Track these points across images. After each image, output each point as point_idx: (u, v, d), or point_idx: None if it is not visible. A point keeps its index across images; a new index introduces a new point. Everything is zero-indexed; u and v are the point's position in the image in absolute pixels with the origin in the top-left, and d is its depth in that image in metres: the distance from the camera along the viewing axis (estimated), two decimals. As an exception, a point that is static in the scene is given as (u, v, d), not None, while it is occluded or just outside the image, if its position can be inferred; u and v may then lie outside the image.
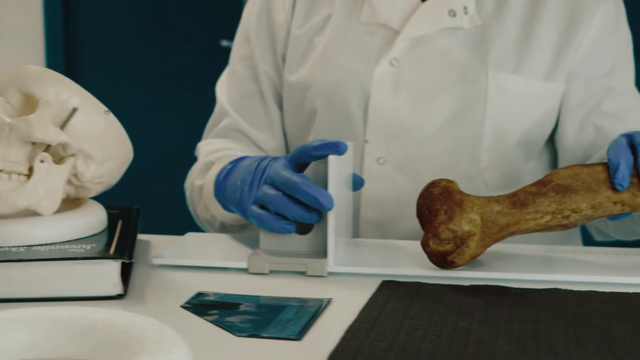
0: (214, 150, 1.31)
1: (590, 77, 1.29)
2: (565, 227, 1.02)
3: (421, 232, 1.22)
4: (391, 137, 1.27)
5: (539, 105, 1.27)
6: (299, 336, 0.80)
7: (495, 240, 1.00)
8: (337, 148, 1.00)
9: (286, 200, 1.00)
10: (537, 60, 1.27)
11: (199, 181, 1.26)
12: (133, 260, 0.94)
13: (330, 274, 1.01)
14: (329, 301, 0.91)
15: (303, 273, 1.01)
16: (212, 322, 0.84)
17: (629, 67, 1.34)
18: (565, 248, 1.12)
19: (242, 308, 0.89)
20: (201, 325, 0.84)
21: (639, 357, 0.74)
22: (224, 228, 1.25)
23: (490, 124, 1.26)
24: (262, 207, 1.03)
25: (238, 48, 1.39)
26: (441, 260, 0.99)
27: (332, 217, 1.00)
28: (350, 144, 1.05)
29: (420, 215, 1.01)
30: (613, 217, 1.03)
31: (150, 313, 0.86)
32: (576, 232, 1.42)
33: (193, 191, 1.28)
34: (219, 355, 0.77)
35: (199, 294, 0.93)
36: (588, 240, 1.42)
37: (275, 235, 1.03)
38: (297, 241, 1.03)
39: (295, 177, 1.00)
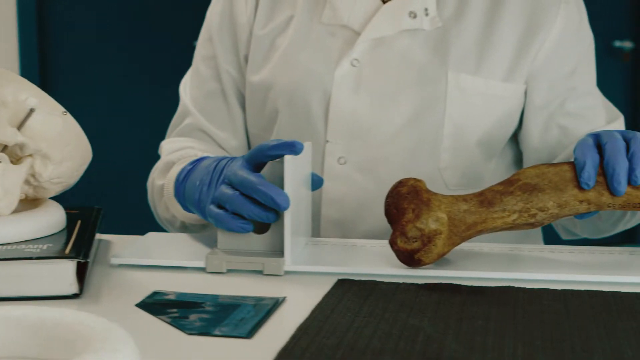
0: (176, 149, 1.31)
1: (554, 78, 1.30)
2: (532, 225, 1.03)
3: (382, 232, 1.24)
4: (352, 137, 1.28)
5: (499, 105, 1.28)
6: (249, 334, 0.80)
7: (463, 239, 1.01)
8: (293, 148, 1.01)
9: (243, 199, 1.01)
10: (497, 61, 1.28)
11: (160, 181, 1.26)
12: (88, 260, 0.94)
13: (288, 272, 1.02)
14: (282, 300, 0.91)
15: (260, 272, 1.02)
16: (165, 320, 0.85)
17: (591, 67, 1.35)
18: (531, 247, 1.13)
19: (196, 307, 0.89)
20: (154, 324, 0.85)
21: (582, 352, 0.75)
22: (184, 228, 1.25)
23: (450, 124, 1.27)
24: (220, 206, 1.04)
25: (201, 48, 1.40)
26: (409, 258, 1.00)
27: (288, 216, 1.00)
28: (307, 144, 1.06)
29: (388, 214, 1.02)
30: (580, 216, 1.04)
31: (104, 312, 0.87)
32: (538, 231, 1.43)
33: (154, 191, 1.29)
34: (169, 353, 0.78)
35: (155, 293, 0.94)
36: (550, 239, 1.44)
37: (233, 234, 1.04)
38: (255, 240, 1.04)
39: (251, 177, 1.00)
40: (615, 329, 0.82)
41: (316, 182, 1.12)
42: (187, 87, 1.40)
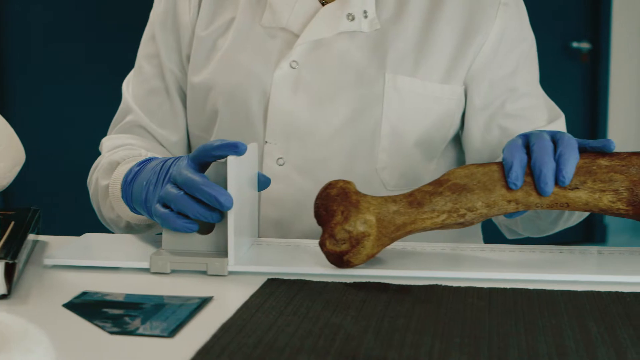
0: (117, 146, 1.32)
1: (493, 80, 1.32)
2: (462, 225, 1.04)
3: (320, 232, 1.24)
4: (290, 138, 1.28)
5: (437, 106, 1.30)
6: (171, 334, 0.81)
7: (392, 240, 1.02)
8: (236, 149, 1.01)
9: (188, 199, 1.01)
10: (435, 63, 1.29)
11: (104, 181, 1.26)
12: (16, 261, 0.94)
13: (231, 272, 1.02)
14: (209, 299, 0.92)
15: (204, 272, 1.02)
16: (90, 321, 0.85)
17: (532, 68, 1.37)
18: (467, 245, 1.15)
19: (122, 307, 0.89)
20: (79, 325, 0.85)
21: (498, 349, 0.77)
22: (129, 228, 1.25)
23: (387, 125, 1.28)
24: (166, 206, 1.04)
25: (144, 46, 1.40)
26: (338, 260, 1.00)
27: (232, 216, 1.01)
28: (253, 145, 1.07)
29: (317, 216, 1.02)
30: (509, 215, 1.05)
31: (31, 312, 0.87)
32: (478, 230, 1.44)
33: (98, 191, 1.28)
34: (90, 353, 0.78)
35: (83, 293, 0.94)
36: (491, 238, 1.45)
37: (178, 235, 1.04)
38: (199, 241, 1.04)
39: (195, 177, 1.01)
40: (535, 325, 0.83)
41: (263, 183, 1.13)
42: (129, 84, 1.41)
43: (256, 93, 1.29)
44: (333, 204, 1.00)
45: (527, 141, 1.05)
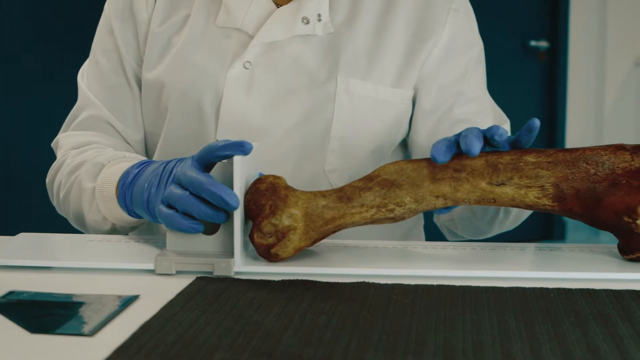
0: (80, 144, 1.31)
1: (442, 85, 1.33)
2: (393, 220, 1.05)
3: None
4: (241, 138, 1.28)
5: (388, 110, 1.31)
6: (92, 332, 0.81)
7: (322, 233, 1.04)
8: (243, 148, 1.01)
9: (193, 199, 1.01)
10: (387, 67, 1.30)
11: (89, 184, 1.22)
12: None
13: (238, 273, 1.02)
14: (135, 298, 0.92)
15: (210, 273, 1.01)
16: (12, 320, 0.85)
17: (480, 73, 1.38)
18: (407, 243, 1.16)
19: (47, 306, 0.89)
20: (2, 324, 0.84)
21: (415, 345, 0.77)
22: (113, 230, 1.24)
23: (338, 128, 1.29)
24: (170, 206, 1.03)
25: (100, 40, 1.38)
26: (266, 253, 1.02)
27: (238, 216, 1.01)
28: (256, 145, 1.07)
29: (247, 210, 1.03)
30: (438, 211, 1.06)
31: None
32: (421, 233, 1.45)
33: (81, 193, 1.24)
34: (8, 352, 0.78)
35: (10, 292, 0.94)
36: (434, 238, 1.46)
37: (183, 235, 1.03)
38: (204, 241, 1.03)
39: (201, 177, 1.00)
40: (455, 321, 0.84)
41: None
42: (86, 80, 1.39)
43: (209, 92, 1.29)
44: (262, 198, 1.02)
45: (485, 134, 1.05)
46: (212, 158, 1.02)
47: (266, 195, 1.02)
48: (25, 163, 3.45)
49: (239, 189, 1.00)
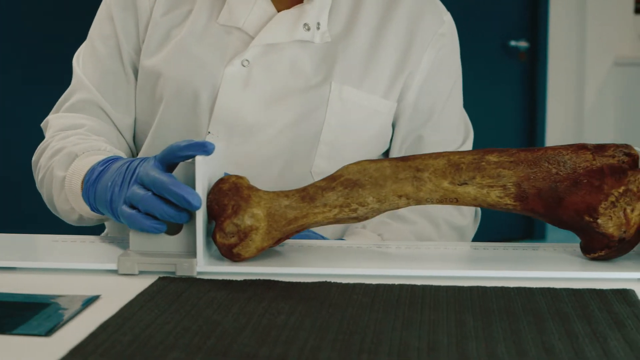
0: (67, 127, 1.31)
1: (418, 106, 1.37)
2: (356, 219, 1.06)
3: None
4: (233, 134, 1.30)
5: (376, 120, 1.34)
6: (49, 333, 0.81)
7: (285, 233, 1.04)
8: (205, 148, 1.01)
9: (155, 199, 1.01)
10: (379, 78, 1.34)
11: (61, 172, 1.23)
12: None
13: (200, 273, 1.02)
14: (96, 298, 0.92)
15: (173, 273, 1.01)
16: (-30, 320, 0.85)
17: (457, 98, 1.42)
18: (372, 242, 1.17)
19: (9, 307, 0.89)
20: (-41, 324, 0.84)
21: (371, 344, 0.78)
22: (81, 220, 1.25)
23: (328, 132, 1.31)
24: (133, 206, 1.03)
25: (99, 26, 1.39)
26: (228, 252, 1.02)
27: (200, 216, 1.01)
28: (221, 144, 1.07)
29: (210, 210, 1.03)
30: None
31: None
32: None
33: (53, 180, 1.25)
34: (-37, 353, 0.78)
35: (-29, 293, 0.94)
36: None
37: (146, 235, 1.03)
38: (167, 241, 1.03)
39: (163, 177, 1.01)
40: (413, 321, 0.85)
41: None
42: (81, 63, 1.40)
43: (205, 86, 1.31)
44: (224, 198, 1.02)
45: None
46: (174, 158, 1.02)
47: (229, 195, 1.02)
48: (11, 163, 3.44)
49: (201, 189, 1.00)
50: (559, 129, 4.71)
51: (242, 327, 0.82)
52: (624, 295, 0.94)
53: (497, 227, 4.42)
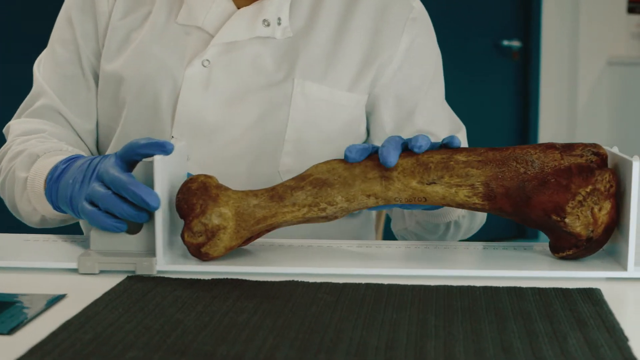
0: (27, 132, 1.31)
1: (400, 94, 1.35)
2: (326, 218, 1.06)
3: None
4: (197, 135, 1.29)
5: (342, 114, 1.33)
6: (11, 331, 0.81)
7: (253, 233, 1.05)
8: (163, 148, 1.02)
9: (115, 198, 1.01)
10: (343, 72, 1.32)
11: (22, 173, 1.23)
12: None
13: (160, 272, 1.02)
14: (62, 297, 0.92)
15: (133, 272, 1.02)
16: None
17: (438, 83, 1.40)
18: (342, 242, 1.17)
19: (-26, 305, 0.90)
20: None
21: (330, 343, 0.78)
22: (44, 222, 1.25)
23: (292, 130, 1.30)
24: (93, 204, 1.04)
25: (59, 30, 1.39)
26: (196, 251, 1.03)
27: (159, 216, 1.01)
28: (182, 144, 1.07)
29: (179, 209, 1.04)
30: (376, 208, 1.08)
31: None
32: (370, 228, 1.46)
33: (15, 182, 1.25)
34: None
35: (-62, 293, 0.94)
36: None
37: (106, 234, 1.04)
38: (128, 240, 1.04)
39: (122, 176, 1.01)
40: (375, 320, 0.85)
41: None
42: (41, 68, 1.40)
43: (166, 88, 1.30)
44: (193, 197, 1.02)
45: (406, 143, 1.07)
46: (133, 156, 1.03)
47: (197, 194, 1.02)
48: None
49: (160, 188, 1.01)
50: (552, 128, 4.71)
51: (203, 325, 0.82)
52: (590, 294, 0.95)
53: (488, 227, 4.42)
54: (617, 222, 1.05)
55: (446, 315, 0.87)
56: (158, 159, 1.00)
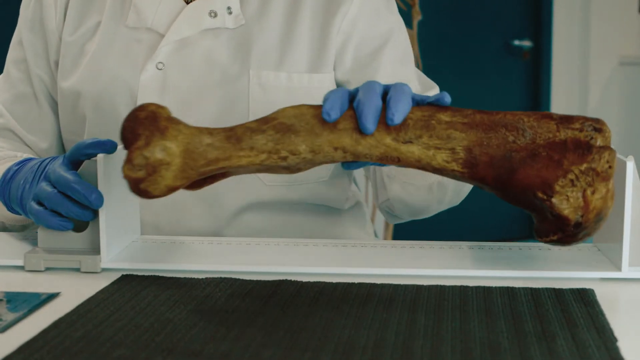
0: None
1: (357, 56, 1.32)
2: (288, 169, 0.97)
3: (206, 229, 1.27)
4: None
5: (305, 97, 1.28)
6: (3, 330, 0.82)
7: (202, 175, 0.95)
8: (105, 147, 1.03)
9: (60, 197, 1.02)
10: (299, 54, 1.30)
11: None
12: None
13: (105, 269, 1.03)
14: (55, 295, 0.93)
15: (78, 269, 1.03)
16: None
17: (399, 47, 1.36)
18: (337, 241, 1.17)
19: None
20: None
21: (318, 341, 0.78)
22: (4, 228, 1.26)
23: None
24: (40, 203, 1.05)
25: (12, 51, 1.41)
26: (136, 187, 0.93)
27: (103, 214, 1.02)
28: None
29: (124, 139, 0.94)
30: (347, 165, 1.00)
31: None
32: (362, 225, 1.46)
33: None
34: None
35: None
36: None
37: (53, 233, 1.06)
38: (74, 238, 1.05)
39: (67, 175, 1.02)
40: (364, 319, 0.85)
41: None
42: None
43: (123, 98, 1.29)
44: (140, 127, 0.93)
45: (386, 90, 0.98)
46: (79, 156, 1.04)
47: (144, 124, 0.93)
48: None
49: (103, 187, 1.01)
50: (563, 128, 4.69)
51: (193, 324, 0.83)
52: (582, 294, 0.95)
53: (499, 226, 4.42)
54: (610, 210, 0.95)
55: (436, 315, 0.87)
56: (100, 157, 1.02)
